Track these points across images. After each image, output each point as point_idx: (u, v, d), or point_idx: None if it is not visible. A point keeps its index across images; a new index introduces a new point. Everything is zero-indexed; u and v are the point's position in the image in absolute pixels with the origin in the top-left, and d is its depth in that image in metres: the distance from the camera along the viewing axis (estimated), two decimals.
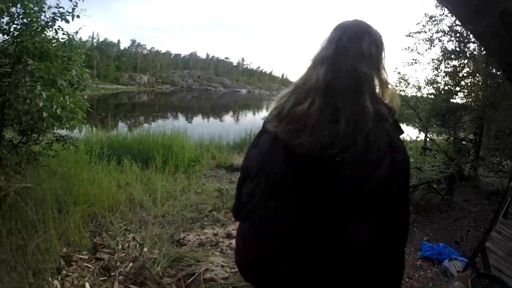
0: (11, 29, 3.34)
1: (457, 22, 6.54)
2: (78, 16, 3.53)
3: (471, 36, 6.79)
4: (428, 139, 8.58)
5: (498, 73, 6.03)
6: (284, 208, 1.14)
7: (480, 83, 7.23)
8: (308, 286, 1.16)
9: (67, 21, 3.47)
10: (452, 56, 7.71)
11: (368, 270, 1.05)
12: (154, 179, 5.12)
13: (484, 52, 6.48)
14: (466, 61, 7.63)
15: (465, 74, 7.75)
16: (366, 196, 0.98)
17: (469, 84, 7.74)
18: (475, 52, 7.44)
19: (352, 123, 0.98)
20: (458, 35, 7.51)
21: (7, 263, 2.57)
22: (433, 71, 7.99)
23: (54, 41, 3.59)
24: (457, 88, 7.75)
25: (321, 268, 1.11)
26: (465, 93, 7.67)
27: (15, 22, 3.33)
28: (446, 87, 7.74)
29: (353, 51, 1.08)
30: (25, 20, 3.31)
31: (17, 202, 3.17)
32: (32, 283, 2.48)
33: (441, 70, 7.93)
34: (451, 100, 7.88)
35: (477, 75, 7.37)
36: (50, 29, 3.45)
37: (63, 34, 3.66)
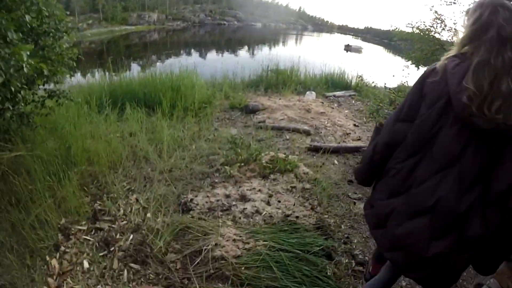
0: None
1: None
2: None
3: None
4: None
5: None
6: (450, 181, 1.21)
7: None
8: (455, 263, 1.27)
9: None
10: None
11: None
12: (160, 127, 4.64)
13: None
14: None
15: None
16: None
17: None
18: None
19: None
20: None
21: (6, 244, 2.38)
22: None
23: None
24: None
25: (472, 241, 1.21)
26: None
27: None
28: None
29: None
30: None
31: (9, 174, 2.85)
32: (29, 265, 2.27)
33: None
34: None
35: None
36: None
37: None
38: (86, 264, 2.33)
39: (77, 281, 2.20)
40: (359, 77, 9.35)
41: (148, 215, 2.92)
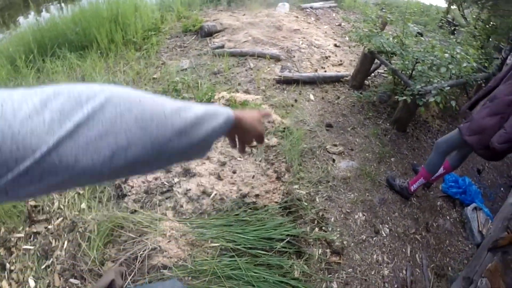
0: None
1: None
2: None
3: None
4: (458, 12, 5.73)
5: None
6: None
7: None
8: None
9: None
10: None
11: None
12: (92, 75, 3.80)
13: None
14: None
15: None
16: None
17: None
18: None
19: None
20: None
21: None
22: None
23: None
24: None
25: None
26: None
27: None
28: None
29: None
30: None
31: None
32: None
33: None
34: None
35: None
36: None
37: None
38: (32, 283, 2.16)
39: None
40: None
41: (83, 205, 2.55)
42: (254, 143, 0.77)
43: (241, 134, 0.73)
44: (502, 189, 3.00)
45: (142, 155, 0.44)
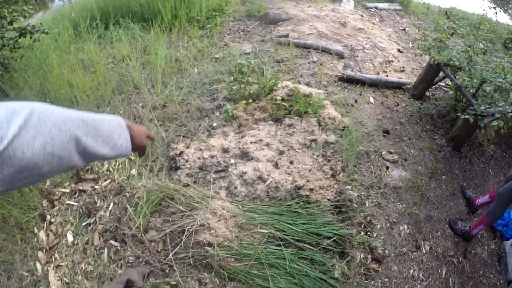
0: None
1: None
2: None
3: None
4: None
5: None
6: None
7: None
8: None
9: None
10: None
11: None
12: (155, 47, 3.86)
13: None
14: None
15: None
16: None
17: None
18: None
19: None
20: None
21: None
22: None
23: None
24: None
25: None
26: None
27: None
28: None
29: None
30: None
31: None
32: (18, 241, 2.22)
33: None
34: None
35: None
36: None
37: None
38: (70, 238, 2.21)
39: (63, 257, 2.11)
40: None
41: (133, 171, 2.57)
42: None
43: None
44: None
45: (64, 150, 0.58)
